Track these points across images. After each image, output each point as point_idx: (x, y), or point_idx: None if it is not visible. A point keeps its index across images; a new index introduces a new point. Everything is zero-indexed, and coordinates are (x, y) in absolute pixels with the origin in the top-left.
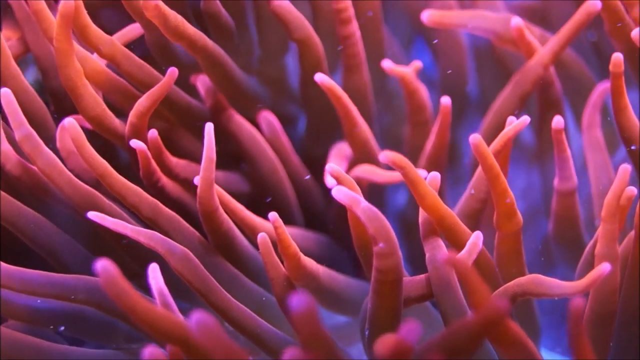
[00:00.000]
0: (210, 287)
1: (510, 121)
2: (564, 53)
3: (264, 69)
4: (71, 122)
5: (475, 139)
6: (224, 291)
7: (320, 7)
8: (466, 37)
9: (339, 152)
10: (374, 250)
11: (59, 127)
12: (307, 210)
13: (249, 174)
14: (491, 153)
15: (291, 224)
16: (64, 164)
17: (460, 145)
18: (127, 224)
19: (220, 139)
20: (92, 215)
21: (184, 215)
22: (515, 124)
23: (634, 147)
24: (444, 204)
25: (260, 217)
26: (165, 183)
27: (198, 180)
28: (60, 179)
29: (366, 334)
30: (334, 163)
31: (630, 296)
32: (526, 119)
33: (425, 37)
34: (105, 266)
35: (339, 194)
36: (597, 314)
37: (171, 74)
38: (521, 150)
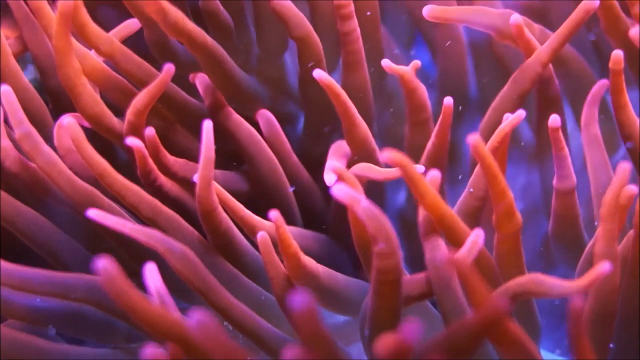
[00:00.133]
0: (210, 286)
1: (507, 118)
2: (565, 50)
3: (262, 67)
4: (71, 121)
5: (474, 139)
6: (224, 290)
7: (318, 7)
8: (465, 36)
9: (338, 150)
10: (374, 250)
11: (56, 125)
12: (306, 210)
13: (247, 173)
14: (489, 151)
15: (290, 223)
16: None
17: (459, 144)
18: (126, 223)
19: (219, 137)
20: (91, 213)
21: (183, 214)
22: (511, 118)
23: (628, 145)
24: (444, 203)
25: (259, 217)
26: (163, 182)
27: (197, 179)
28: (60, 177)
29: (366, 333)
30: (333, 161)
31: (630, 296)
32: (521, 113)
33: (425, 36)
34: (105, 264)
35: (338, 192)
36: (597, 314)
37: (168, 70)
38: (521, 150)
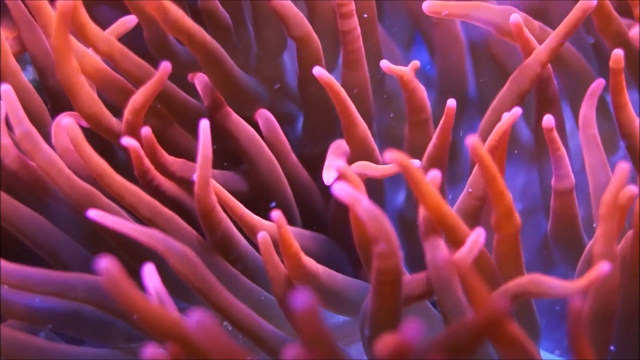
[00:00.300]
0: (211, 286)
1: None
2: (564, 49)
3: (261, 67)
4: (70, 121)
5: (472, 140)
6: (224, 290)
7: (316, 6)
8: (464, 35)
9: (337, 149)
10: (374, 250)
11: (53, 124)
12: (305, 210)
13: (246, 173)
14: (488, 150)
15: (289, 223)
16: None
17: (458, 144)
18: (126, 223)
19: (218, 137)
20: (91, 213)
21: (182, 214)
22: (509, 116)
23: (618, 142)
24: (446, 204)
25: (258, 216)
26: (160, 182)
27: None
28: (60, 176)
29: (366, 333)
30: (335, 159)
31: (630, 296)
32: (518, 110)
33: (424, 36)
34: (107, 264)
35: (339, 191)
36: (597, 314)
37: (164, 68)
38: (520, 150)
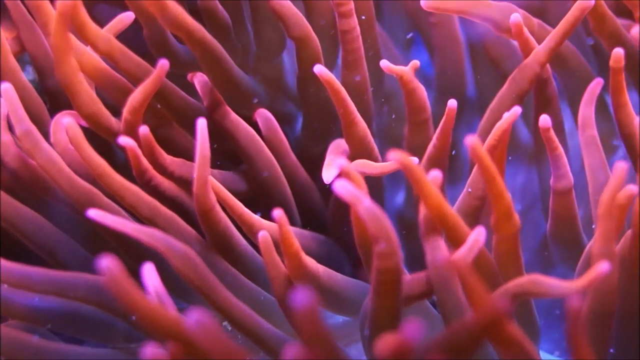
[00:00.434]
0: (211, 286)
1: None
2: (564, 47)
3: (261, 67)
4: (70, 121)
5: (471, 140)
6: (225, 290)
7: (314, 6)
8: (463, 35)
9: (337, 148)
10: (375, 250)
11: (52, 122)
12: (305, 209)
13: (246, 172)
14: (488, 150)
15: (289, 223)
16: None
17: (457, 144)
18: (127, 222)
19: (217, 137)
20: (91, 213)
21: (181, 214)
22: (508, 115)
23: (615, 143)
24: (449, 205)
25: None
26: (159, 182)
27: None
28: (60, 175)
29: (366, 333)
30: (336, 157)
31: (629, 295)
32: (517, 109)
33: (423, 36)
34: (109, 263)
35: (341, 189)
36: (596, 314)
37: (162, 66)
38: (519, 150)
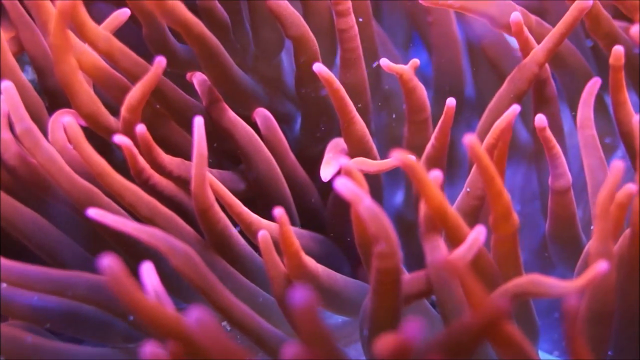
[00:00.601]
0: (212, 285)
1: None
2: (563, 47)
3: (259, 67)
4: (70, 120)
5: (470, 139)
6: (225, 289)
7: (311, 6)
8: (461, 35)
9: (336, 147)
10: (375, 250)
11: (50, 121)
12: (303, 209)
13: (245, 172)
14: (486, 149)
15: None
16: None
17: (455, 144)
18: (127, 221)
19: (216, 136)
20: (91, 212)
21: (180, 213)
22: (507, 114)
23: (607, 141)
24: (450, 206)
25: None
26: (157, 181)
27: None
28: (60, 174)
29: (365, 333)
30: (337, 156)
31: (628, 295)
32: (516, 108)
33: (422, 35)
34: (110, 262)
35: (342, 188)
36: (594, 313)
37: (159, 63)
38: (518, 150)
